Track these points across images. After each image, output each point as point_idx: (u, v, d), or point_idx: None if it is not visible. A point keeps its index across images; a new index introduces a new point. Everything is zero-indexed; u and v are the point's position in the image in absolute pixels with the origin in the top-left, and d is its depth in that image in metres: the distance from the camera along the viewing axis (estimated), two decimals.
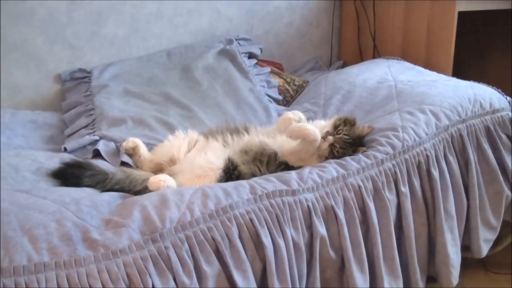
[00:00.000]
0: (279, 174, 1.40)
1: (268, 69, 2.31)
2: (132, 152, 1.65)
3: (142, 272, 1.07)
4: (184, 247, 1.14)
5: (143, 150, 1.64)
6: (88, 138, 1.74)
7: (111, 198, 1.28)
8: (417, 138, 1.55)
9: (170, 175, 1.44)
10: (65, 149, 1.69)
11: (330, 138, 1.48)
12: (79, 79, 2.15)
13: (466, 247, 1.71)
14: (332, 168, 1.41)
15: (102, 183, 1.40)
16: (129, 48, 2.28)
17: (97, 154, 1.69)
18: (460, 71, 2.22)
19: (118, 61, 2.23)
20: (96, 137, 1.75)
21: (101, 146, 1.70)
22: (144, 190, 1.40)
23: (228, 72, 2.18)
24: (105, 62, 2.22)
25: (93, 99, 1.99)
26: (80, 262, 1.04)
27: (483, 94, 1.79)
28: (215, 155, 1.48)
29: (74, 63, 2.18)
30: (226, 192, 1.27)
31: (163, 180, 1.37)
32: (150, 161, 1.62)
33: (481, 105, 1.74)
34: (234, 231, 1.20)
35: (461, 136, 1.64)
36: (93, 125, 1.86)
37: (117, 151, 1.70)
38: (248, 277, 1.18)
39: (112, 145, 1.73)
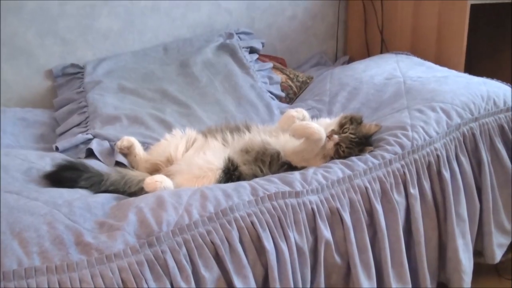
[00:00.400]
0: (282, 175, 1.40)
1: (270, 64, 2.31)
2: (127, 152, 1.65)
3: (137, 277, 1.07)
4: (182, 251, 1.14)
5: (138, 149, 1.65)
6: (80, 137, 1.75)
7: (105, 199, 1.28)
8: (427, 137, 1.55)
9: (167, 175, 1.44)
10: (57, 148, 1.70)
11: (336, 137, 1.48)
12: (72, 75, 2.16)
13: (478, 252, 1.71)
14: (337, 169, 1.42)
15: (97, 185, 1.39)
16: (124, 42, 2.29)
17: (90, 154, 1.70)
18: (473, 67, 2.22)
19: (112, 56, 2.24)
20: (89, 136, 1.76)
21: (94, 145, 1.70)
22: (139, 191, 1.40)
23: (228, 68, 2.18)
24: (99, 57, 2.23)
25: (86, 95, 2.00)
26: (72, 266, 1.04)
27: (496, 91, 1.79)
28: (214, 154, 1.48)
29: (66, 58, 2.19)
30: (226, 193, 1.27)
31: (160, 181, 1.37)
32: (146, 161, 1.62)
33: (494, 102, 1.74)
34: (235, 234, 1.20)
35: (473, 135, 1.65)
36: (86, 123, 1.87)
37: (111, 151, 1.71)
38: (249, 282, 1.18)
39: (106, 144, 1.73)
